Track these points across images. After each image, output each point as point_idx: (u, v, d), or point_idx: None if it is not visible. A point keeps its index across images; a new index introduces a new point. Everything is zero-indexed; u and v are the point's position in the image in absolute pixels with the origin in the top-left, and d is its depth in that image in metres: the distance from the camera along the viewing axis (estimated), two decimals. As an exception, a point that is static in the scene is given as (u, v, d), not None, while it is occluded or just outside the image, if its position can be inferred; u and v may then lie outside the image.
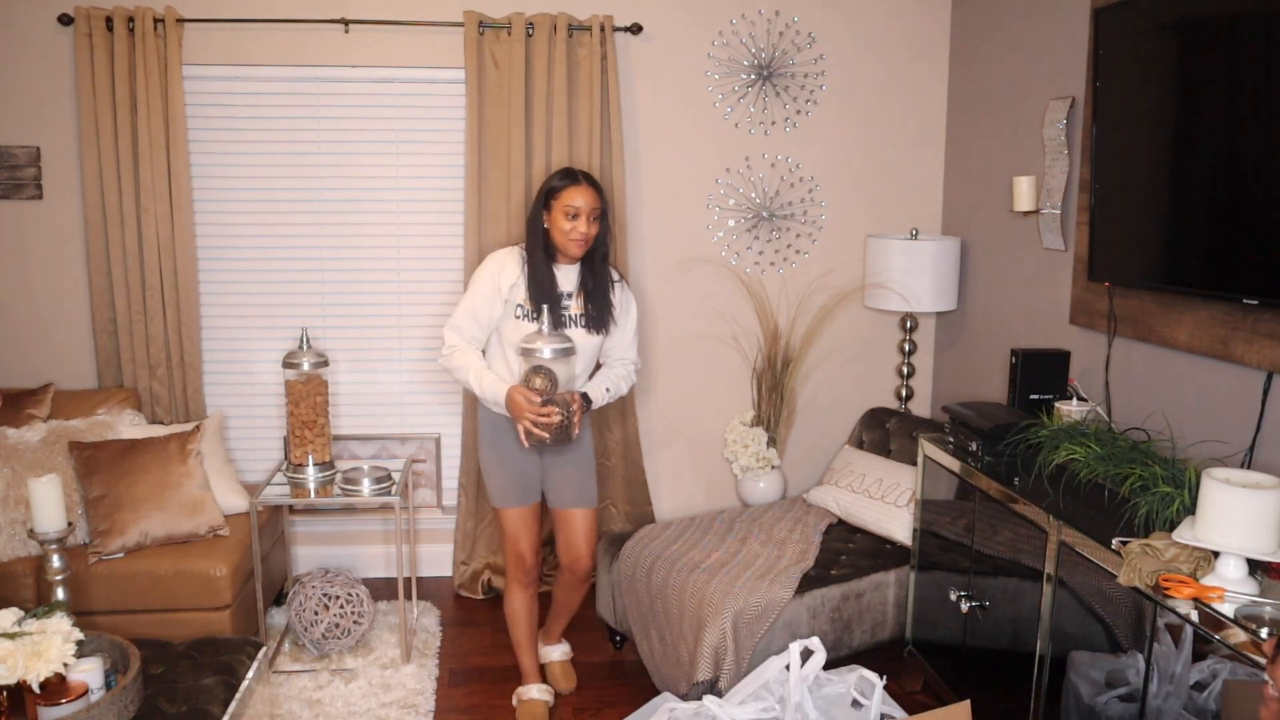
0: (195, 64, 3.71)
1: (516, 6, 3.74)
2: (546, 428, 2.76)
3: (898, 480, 3.49)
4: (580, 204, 2.82)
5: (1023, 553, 2.47)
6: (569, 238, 2.82)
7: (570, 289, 2.93)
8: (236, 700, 2.37)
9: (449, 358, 2.93)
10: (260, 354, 3.94)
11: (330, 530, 4.07)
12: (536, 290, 2.86)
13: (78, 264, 3.76)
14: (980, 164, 3.76)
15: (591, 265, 2.93)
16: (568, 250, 2.86)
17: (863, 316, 4.14)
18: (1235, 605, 1.79)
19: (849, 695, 2.67)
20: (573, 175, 2.87)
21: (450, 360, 2.93)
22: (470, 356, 2.90)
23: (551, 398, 2.76)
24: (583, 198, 2.82)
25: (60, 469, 3.23)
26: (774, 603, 2.99)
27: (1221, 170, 2.32)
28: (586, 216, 2.83)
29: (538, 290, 2.86)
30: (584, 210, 2.82)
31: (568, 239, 2.83)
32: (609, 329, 2.96)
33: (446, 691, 3.24)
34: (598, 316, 2.92)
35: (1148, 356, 2.73)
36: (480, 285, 2.91)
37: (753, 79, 3.95)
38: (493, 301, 2.89)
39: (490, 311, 2.90)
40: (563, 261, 2.91)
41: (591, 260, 2.93)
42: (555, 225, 2.85)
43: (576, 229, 2.82)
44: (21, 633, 2.05)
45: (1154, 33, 2.53)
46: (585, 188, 2.84)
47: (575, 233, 2.82)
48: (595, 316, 2.92)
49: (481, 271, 2.93)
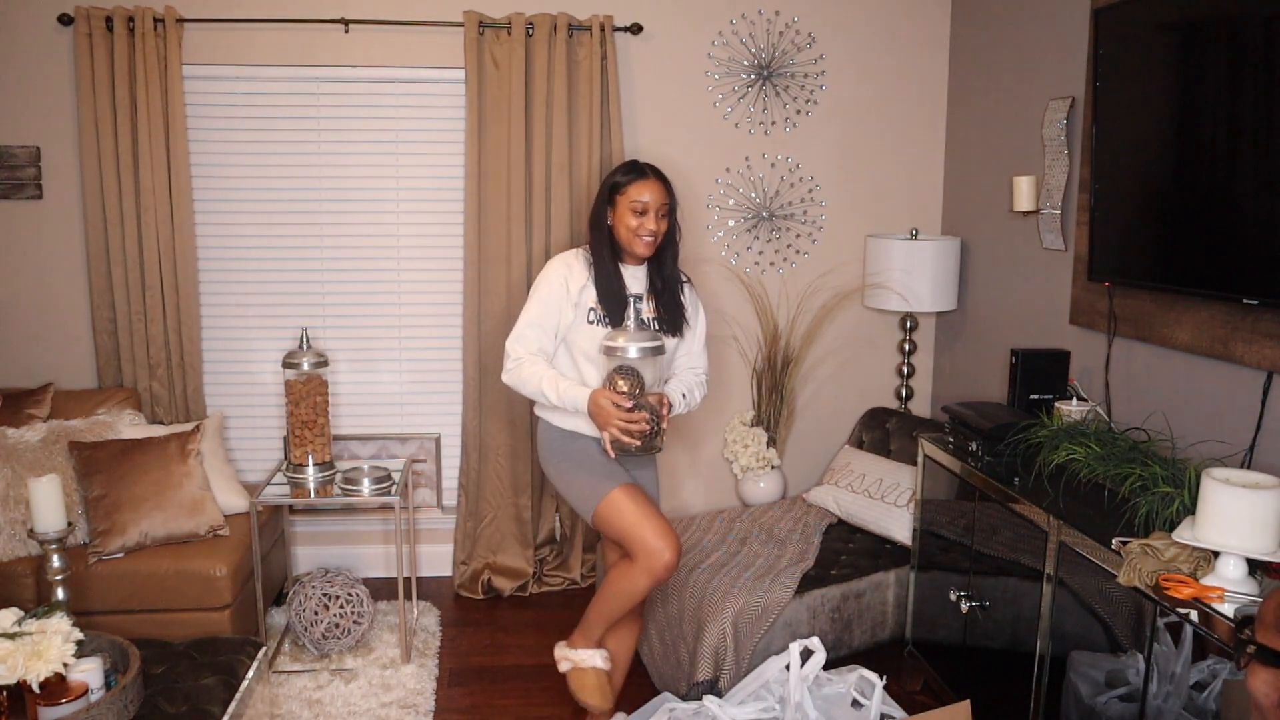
0: (195, 64, 3.71)
1: (516, 6, 3.74)
2: (636, 434, 2.53)
3: (898, 480, 3.49)
4: (648, 199, 2.62)
5: (1023, 553, 2.47)
6: (636, 235, 2.63)
7: (639, 290, 2.72)
8: (236, 700, 2.37)
9: (514, 371, 2.68)
10: (260, 354, 3.94)
11: (330, 530, 4.07)
12: (606, 292, 2.65)
13: (78, 264, 3.76)
14: (980, 164, 3.76)
15: (661, 265, 2.74)
16: (634, 249, 2.66)
17: (863, 316, 4.14)
18: (1235, 605, 1.79)
19: (849, 695, 2.67)
20: (639, 168, 2.67)
21: (518, 372, 2.67)
22: (540, 365, 2.66)
23: (640, 401, 2.53)
24: (650, 192, 2.62)
25: (60, 469, 3.23)
26: (774, 603, 2.99)
27: (1221, 170, 2.32)
28: (655, 213, 2.63)
29: (607, 292, 2.65)
30: (652, 205, 2.62)
31: (634, 236, 2.63)
32: (682, 332, 2.76)
33: (446, 691, 3.24)
34: (670, 319, 2.72)
35: (1148, 356, 2.73)
36: (546, 291, 2.68)
37: (753, 79, 3.95)
38: (561, 307, 2.67)
39: (559, 318, 2.67)
40: (629, 261, 2.72)
41: (661, 260, 2.73)
42: (620, 222, 2.65)
43: (644, 226, 2.62)
44: (21, 633, 2.05)
45: (1154, 33, 2.53)
46: (653, 181, 2.64)
47: (643, 230, 2.62)
48: (668, 319, 2.72)
49: (546, 276, 2.71)
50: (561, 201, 3.78)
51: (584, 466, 2.69)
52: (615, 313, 2.63)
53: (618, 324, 2.62)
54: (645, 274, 2.74)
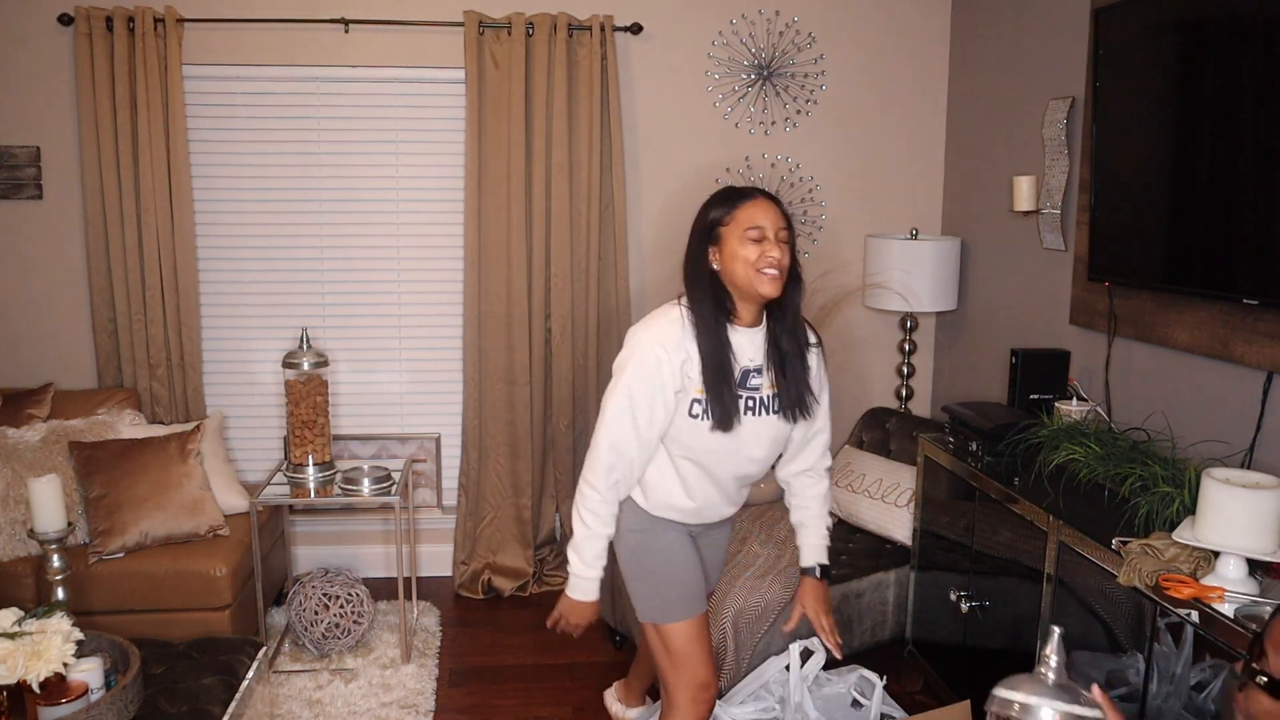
0: (195, 64, 3.71)
1: (516, 6, 3.74)
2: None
3: (898, 480, 3.49)
4: (765, 222, 2.04)
5: (1023, 553, 2.47)
6: (757, 269, 2.03)
7: (757, 361, 2.12)
8: (236, 700, 2.37)
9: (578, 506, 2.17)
10: (260, 354, 3.94)
11: (330, 530, 4.07)
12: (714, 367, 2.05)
13: (78, 264, 3.76)
14: (980, 164, 3.76)
15: (783, 317, 2.13)
16: (758, 289, 2.04)
17: (863, 316, 4.14)
18: (1235, 605, 1.79)
19: (849, 695, 2.68)
20: (741, 190, 2.11)
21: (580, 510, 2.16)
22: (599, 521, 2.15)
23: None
24: (765, 214, 2.05)
25: (60, 469, 3.23)
26: (774, 603, 2.99)
27: (1221, 170, 2.32)
28: (775, 237, 2.05)
29: (715, 367, 2.05)
30: (770, 229, 2.04)
31: (755, 271, 2.03)
32: (807, 415, 2.18)
33: (446, 691, 3.24)
34: (797, 397, 2.14)
35: (1148, 356, 2.73)
36: (637, 387, 2.06)
37: (753, 79, 3.94)
38: (657, 402, 2.06)
39: (660, 416, 2.08)
40: (737, 322, 2.11)
41: (783, 310, 2.13)
42: (731, 258, 2.05)
43: (766, 254, 2.02)
44: (21, 633, 2.05)
45: (1154, 33, 2.53)
46: (764, 201, 2.07)
47: (765, 260, 2.02)
48: (794, 398, 2.14)
49: (630, 365, 2.07)
50: (561, 201, 3.78)
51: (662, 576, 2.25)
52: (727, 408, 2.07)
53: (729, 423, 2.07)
54: (764, 338, 2.14)
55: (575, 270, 3.84)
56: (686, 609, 2.23)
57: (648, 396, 2.07)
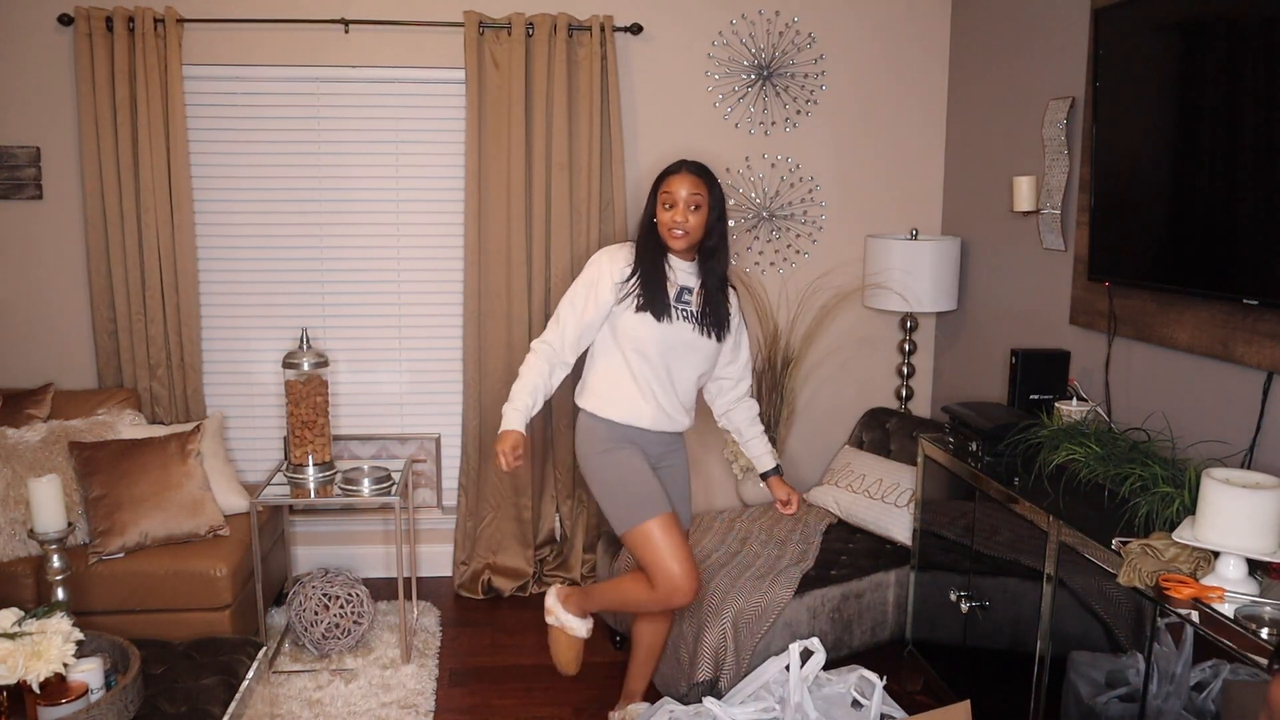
0: (195, 64, 3.71)
1: (516, 7, 3.74)
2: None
3: (898, 480, 3.49)
4: (678, 190, 2.65)
5: (1023, 553, 2.47)
6: (668, 229, 2.66)
7: (692, 284, 2.74)
8: (236, 700, 2.37)
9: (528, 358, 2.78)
10: (260, 354, 3.94)
11: (330, 530, 4.07)
12: (649, 279, 2.67)
13: (78, 264, 3.76)
14: (980, 164, 3.76)
15: (708, 263, 2.74)
16: (669, 243, 2.69)
17: (863, 316, 4.14)
18: (1235, 605, 1.79)
19: (849, 695, 2.67)
20: (676, 163, 2.72)
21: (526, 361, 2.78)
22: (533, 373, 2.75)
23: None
24: (680, 185, 2.65)
25: (60, 469, 3.23)
26: (774, 603, 2.99)
27: (1221, 170, 2.32)
28: (683, 205, 2.64)
29: (650, 279, 2.67)
30: (679, 198, 2.64)
31: (667, 230, 2.67)
32: (722, 337, 2.76)
33: (446, 691, 3.24)
34: (715, 318, 2.73)
35: (1148, 356, 2.73)
36: (586, 272, 2.74)
37: (753, 79, 3.95)
38: (600, 287, 2.69)
39: (598, 297, 2.70)
40: (684, 257, 2.74)
41: (712, 259, 2.74)
42: (656, 217, 2.71)
43: (671, 218, 2.65)
44: (21, 633, 2.05)
45: (1154, 33, 2.53)
46: (684, 175, 2.67)
47: (672, 222, 2.65)
48: (713, 318, 2.73)
49: (590, 262, 2.78)
50: (561, 201, 3.78)
51: (626, 485, 2.69)
52: (657, 301, 2.66)
53: (661, 313, 2.65)
54: (698, 270, 2.75)
55: (575, 270, 3.83)
56: (649, 508, 2.64)
57: (586, 287, 2.73)
